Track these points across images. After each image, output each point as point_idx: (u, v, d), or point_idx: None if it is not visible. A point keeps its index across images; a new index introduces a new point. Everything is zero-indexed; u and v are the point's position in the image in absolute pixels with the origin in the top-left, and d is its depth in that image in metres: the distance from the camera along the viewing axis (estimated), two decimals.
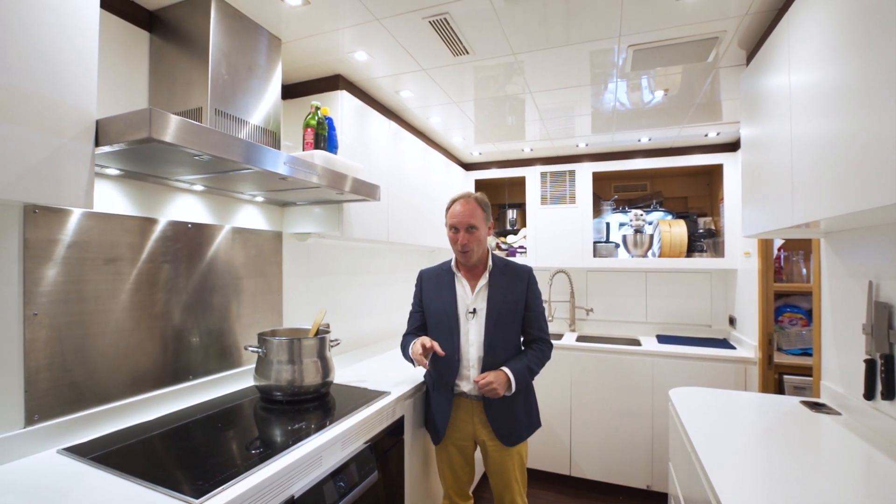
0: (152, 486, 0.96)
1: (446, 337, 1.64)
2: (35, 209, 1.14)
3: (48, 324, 1.16)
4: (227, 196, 1.71)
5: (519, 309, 1.65)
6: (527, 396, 1.69)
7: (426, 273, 1.79)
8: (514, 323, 1.65)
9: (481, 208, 1.64)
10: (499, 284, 1.65)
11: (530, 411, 1.70)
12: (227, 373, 1.68)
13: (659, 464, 2.59)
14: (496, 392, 1.52)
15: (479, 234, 1.62)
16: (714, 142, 2.88)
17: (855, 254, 1.48)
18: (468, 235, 1.61)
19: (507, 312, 1.62)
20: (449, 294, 1.68)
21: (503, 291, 1.64)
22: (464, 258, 1.64)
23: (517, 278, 1.67)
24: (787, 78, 1.33)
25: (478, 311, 1.64)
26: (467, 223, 1.61)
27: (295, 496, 1.11)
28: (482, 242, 1.65)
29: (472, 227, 1.61)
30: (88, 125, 0.96)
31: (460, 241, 1.62)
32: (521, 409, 1.66)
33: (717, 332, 3.05)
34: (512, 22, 1.53)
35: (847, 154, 1.00)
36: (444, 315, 1.67)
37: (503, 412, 1.62)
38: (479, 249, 1.65)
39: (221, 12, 1.39)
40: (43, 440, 1.14)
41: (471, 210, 1.62)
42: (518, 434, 1.64)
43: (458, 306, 1.66)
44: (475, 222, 1.61)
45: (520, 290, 1.65)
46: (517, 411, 1.64)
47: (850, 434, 1.34)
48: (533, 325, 1.67)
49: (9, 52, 0.83)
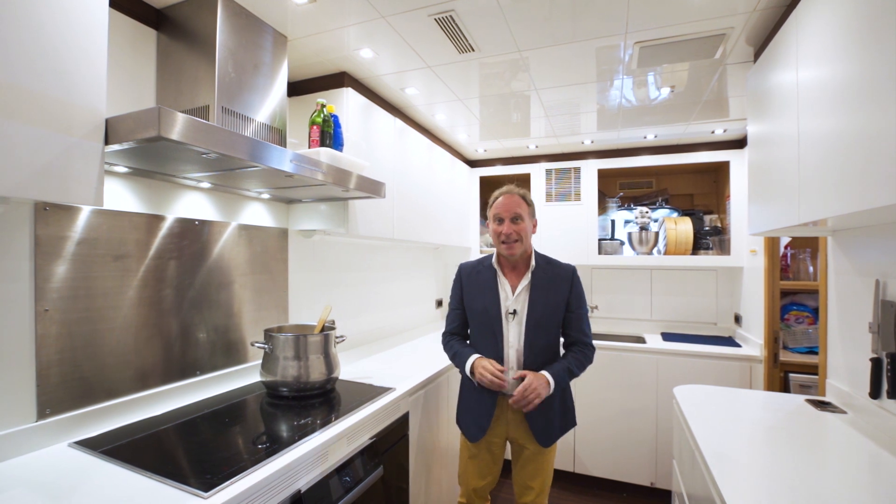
0: (162, 480, 0.97)
1: (489, 339, 1.61)
2: (46, 206, 1.15)
3: (59, 319, 1.18)
4: (234, 193, 1.72)
5: (560, 311, 1.60)
6: (563, 395, 1.64)
7: (465, 269, 1.73)
8: (554, 325, 1.60)
9: (526, 203, 1.61)
10: (541, 285, 1.59)
11: (567, 410, 1.65)
12: (233, 368, 1.70)
13: (663, 461, 2.59)
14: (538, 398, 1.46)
15: (524, 225, 1.57)
16: (721, 139, 2.86)
17: (862, 252, 1.47)
18: (513, 225, 1.56)
19: (548, 315, 1.58)
20: (492, 295, 1.62)
21: (545, 293, 1.58)
22: (508, 250, 1.57)
23: (560, 279, 1.61)
24: (795, 75, 1.32)
25: (518, 313, 1.59)
26: (513, 212, 1.57)
27: (302, 490, 1.12)
28: (527, 236, 1.60)
29: (518, 218, 1.57)
30: (98, 124, 0.97)
31: (505, 231, 1.56)
32: (558, 408, 1.61)
33: (723, 330, 3.05)
34: (517, 19, 1.53)
35: (855, 152, 1.00)
36: (487, 316, 1.61)
37: (541, 411, 1.56)
38: (524, 243, 1.58)
39: (228, 10, 1.40)
40: (54, 434, 1.16)
41: (516, 202, 1.58)
42: (554, 433, 1.59)
43: (500, 307, 1.61)
44: (521, 212, 1.58)
45: (563, 292, 1.60)
46: (554, 410, 1.59)
47: (856, 433, 1.34)
48: (573, 328, 1.62)
49: (20, 53, 0.84)
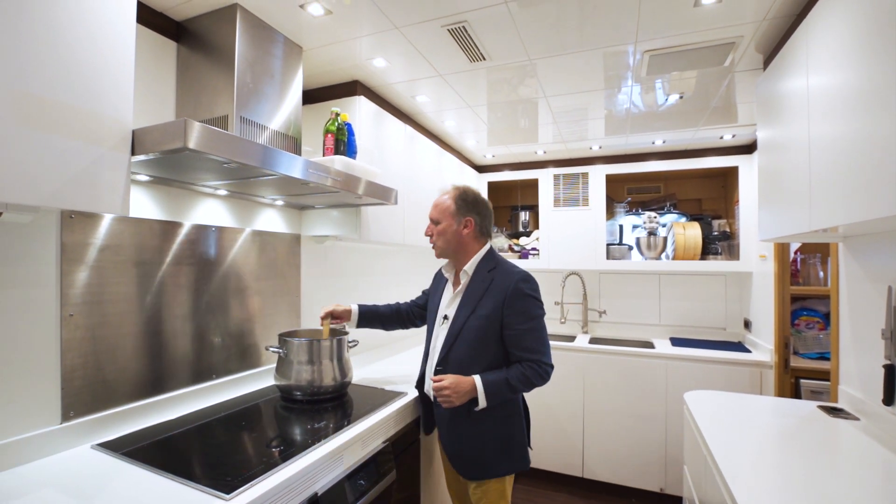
0: (184, 482, 1.00)
1: (427, 342, 1.63)
2: (71, 214, 1.18)
3: (83, 324, 1.21)
4: (249, 200, 1.76)
5: (490, 325, 1.41)
6: (505, 424, 1.44)
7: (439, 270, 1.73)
8: (482, 339, 1.42)
9: (456, 203, 1.51)
10: (473, 293, 1.47)
11: (509, 443, 1.43)
12: (247, 372, 1.72)
13: (673, 467, 2.58)
14: (450, 399, 1.35)
15: (441, 227, 1.52)
16: (729, 144, 2.87)
17: (874, 258, 1.47)
18: (431, 227, 1.56)
19: (473, 327, 1.43)
20: (437, 296, 1.64)
21: (473, 302, 1.45)
22: (434, 251, 1.58)
23: (497, 290, 1.43)
24: (805, 82, 1.34)
25: (449, 318, 1.51)
26: (432, 215, 1.56)
27: (318, 493, 1.14)
28: (450, 238, 1.52)
29: (435, 220, 1.55)
30: (125, 135, 1.00)
31: (426, 233, 1.59)
32: (491, 435, 1.42)
33: (732, 336, 3.04)
34: (528, 28, 1.55)
35: (865, 159, 1.01)
36: (430, 320, 1.65)
37: (459, 433, 1.44)
38: (446, 245, 1.53)
39: (246, 22, 1.43)
40: (78, 436, 1.18)
41: (440, 203, 1.54)
42: (482, 466, 1.42)
43: (438, 310, 1.60)
44: (437, 215, 1.53)
45: (494, 305, 1.41)
46: (483, 437, 1.42)
47: (869, 439, 1.34)
48: (513, 345, 1.41)
49: (54, 68, 0.88)
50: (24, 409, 1.09)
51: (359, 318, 1.77)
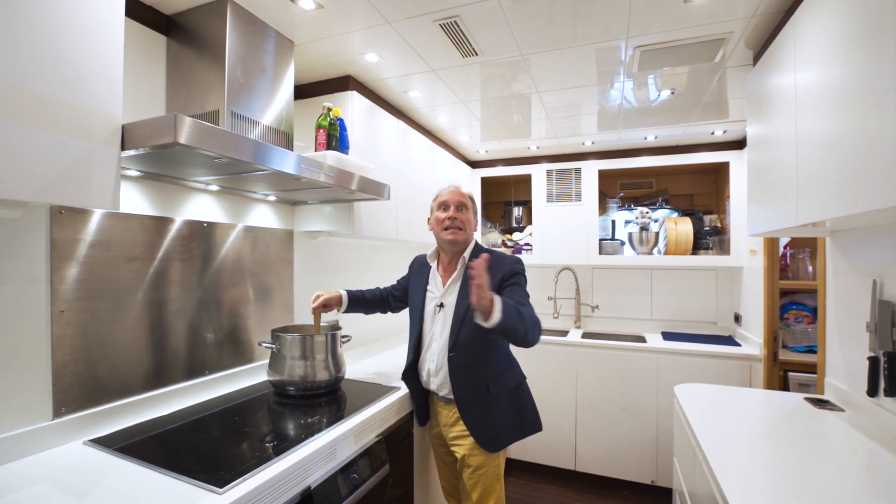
0: (177, 476, 1.00)
1: (414, 334, 1.64)
2: (61, 210, 1.18)
3: (73, 320, 1.21)
4: (241, 195, 1.75)
5: None
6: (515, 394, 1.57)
7: (416, 262, 1.76)
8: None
9: (471, 200, 1.62)
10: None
11: (522, 410, 1.57)
12: (240, 368, 1.72)
13: (663, 459, 2.62)
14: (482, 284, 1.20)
15: (468, 215, 1.57)
16: (720, 140, 2.89)
17: (860, 252, 1.49)
18: (458, 213, 1.55)
19: None
20: (422, 289, 1.65)
21: None
22: (452, 236, 1.54)
23: (496, 268, 1.49)
24: (793, 78, 1.35)
25: (446, 306, 1.56)
26: (458, 201, 1.57)
27: (311, 487, 1.15)
28: (470, 229, 1.58)
29: (463, 207, 1.57)
30: (115, 130, 1.00)
31: (451, 215, 1.54)
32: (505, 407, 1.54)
33: (723, 330, 3.07)
34: (520, 23, 1.55)
35: (852, 154, 1.02)
36: (415, 311, 1.65)
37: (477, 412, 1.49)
38: (467, 233, 1.57)
39: (237, 16, 1.42)
40: (70, 432, 1.18)
41: (463, 195, 1.59)
42: (502, 436, 1.52)
43: (425, 302, 1.62)
44: (466, 203, 1.58)
45: (493, 286, 1.46)
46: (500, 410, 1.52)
47: (854, 430, 1.36)
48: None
49: (42, 62, 0.87)
50: (16, 405, 1.09)
51: (348, 303, 1.78)
